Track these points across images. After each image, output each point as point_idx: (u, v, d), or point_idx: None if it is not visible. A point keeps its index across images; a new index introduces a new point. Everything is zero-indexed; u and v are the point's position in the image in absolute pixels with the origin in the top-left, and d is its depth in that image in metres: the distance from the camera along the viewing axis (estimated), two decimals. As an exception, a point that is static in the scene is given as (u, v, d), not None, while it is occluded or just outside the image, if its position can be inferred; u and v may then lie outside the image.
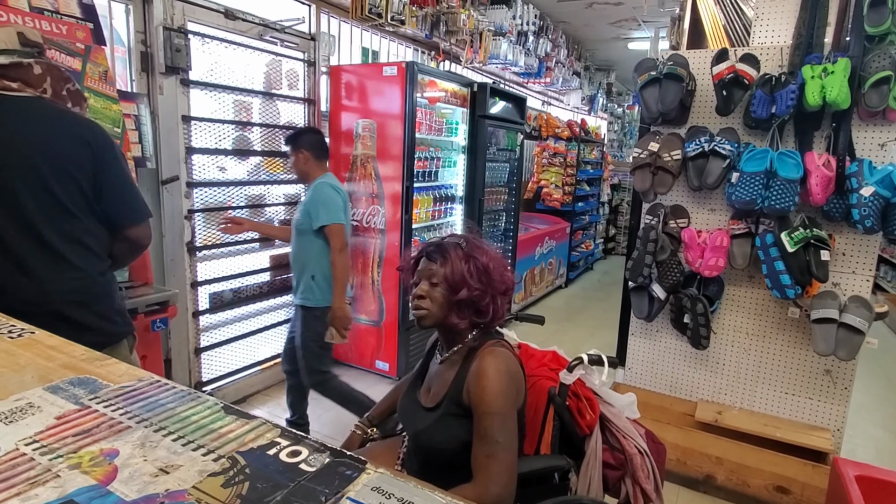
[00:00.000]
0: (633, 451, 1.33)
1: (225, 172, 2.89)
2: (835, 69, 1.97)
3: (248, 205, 3.02)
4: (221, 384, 2.98)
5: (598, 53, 7.34)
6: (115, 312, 1.50)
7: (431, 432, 1.25)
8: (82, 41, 2.00)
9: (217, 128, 2.79)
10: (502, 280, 1.27)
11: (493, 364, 1.17)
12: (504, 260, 1.32)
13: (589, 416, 1.34)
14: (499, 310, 1.27)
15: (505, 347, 1.25)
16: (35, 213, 1.34)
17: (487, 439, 1.12)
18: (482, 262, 1.24)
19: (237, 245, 2.98)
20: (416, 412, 1.32)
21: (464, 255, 1.24)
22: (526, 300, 5.11)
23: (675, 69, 2.23)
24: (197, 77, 2.66)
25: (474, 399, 1.16)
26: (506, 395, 1.15)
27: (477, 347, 1.25)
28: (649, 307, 2.46)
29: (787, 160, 2.09)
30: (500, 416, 1.13)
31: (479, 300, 1.23)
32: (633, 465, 1.32)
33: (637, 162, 2.36)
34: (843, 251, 2.20)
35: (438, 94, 3.42)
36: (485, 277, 1.23)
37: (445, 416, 1.23)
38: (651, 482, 1.33)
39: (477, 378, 1.16)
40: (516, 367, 1.23)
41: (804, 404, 2.35)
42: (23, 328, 0.86)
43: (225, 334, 3.00)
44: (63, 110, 1.46)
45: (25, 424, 0.59)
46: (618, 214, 8.57)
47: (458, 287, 1.22)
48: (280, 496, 0.48)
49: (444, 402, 1.24)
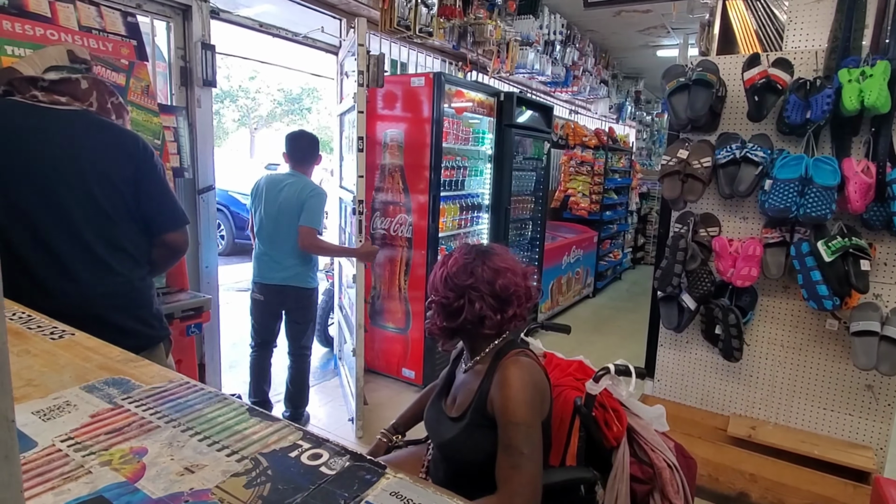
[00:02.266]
0: (662, 464, 1.30)
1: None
2: (874, 72, 1.91)
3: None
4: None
5: (626, 61, 7.27)
6: (152, 316, 1.55)
7: (457, 443, 1.24)
8: (126, 57, 2.10)
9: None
10: (490, 282, 1.23)
11: (516, 374, 1.16)
12: (520, 267, 1.30)
13: (616, 428, 1.31)
14: (520, 314, 1.26)
15: (530, 357, 1.24)
16: (80, 220, 1.40)
17: (512, 450, 1.11)
18: (449, 266, 1.26)
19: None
20: (442, 422, 1.32)
21: (440, 263, 1.29)
22: (553, 310, 5.06)
23: (705, 75, 2.20)
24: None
25: (498, 409, 1.15)
26: (530, 406, 1.14)
27: (501, 356, 1.24)
28: (679, 318, 2.40)
29: (824, 166, 2.02)
30: (524, 426, 1.12)
31: (449, 304, 1.24)
32: (662, 480, 1.28)
33: (666, 169, 2.32)
34: (885, 261, 2.12)
35: (465, 104, 3.44)
36: (450, 281, 1.24)
37: (471, 427, 1.22)
38: (681, 498, 1.30)
39: (500, 388, 1.16)
40: (541, 376, 1.22)
41: (844, 421, 2.25)
42: (64, 330, 0.90)
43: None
44: (107, 122, 1.53)
45: (62, 422, 0.62)
46: (646, 223, 8.42)
47: (430, 293, 1.28)
48: (300, 498, 0.49)
49: (468, 413, 1.24)
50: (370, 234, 3.46)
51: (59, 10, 1.90)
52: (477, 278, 1.23)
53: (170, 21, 2.48)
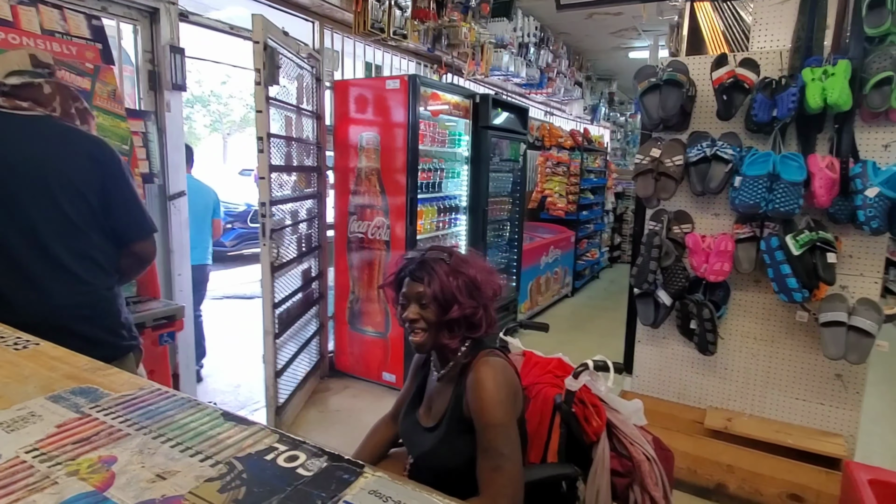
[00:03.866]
0: (640, 457, 1.31)
1: (282, 189, 2.84)
2: (835, 71, 1.97)
3: (294, 221, 3.00)
4: (286, 407, 2.85)
5: (599, 63, 7.39)
6: (121, 326, 1.51)
7: (436, 452, 1.22)
8: (91, 61, 2.05)
9: (278, 144, 2.76)
10: (491, 287, 1.25)
11: (489, 374, 1.15)
12: (489, 265, 1.30)
13: (595, 423, 1.32)
14: (490, 318, 1.26)
15: (498, 356, 1.23)
16: (44, 229, 1.36)
17: (492, 452, 1.11)
18: (470, 275, 1.20)
19: (292, 264, 2.94)
20: (418, 433, 1.30)
21: (450, 270, 1.19)
22: (532, 310, 5.09)
23: (675, 75, 2.24)
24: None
25: (475, 412, 1.14)
26: (505, 406, 1.14)
27: (471, 359, 1.22)
28: (655, 314, 2.44)
29: (790, 163, 2.08)
30: (501, 427, 1.12)
31: (472, 315, 1.20)
32: (642, 472, 1.30)
33: (639, 168, 2.36)
34: (850, 253, 2.18)
35: (441, 107, 3.45)
36: (475, 291, 1.20)
37: (449, 435, 1.21)
38: (660, 489, 1.31)
39: (475, 390, 1.15)
40: (512, 374, 1.22)
41: (816, 410, 2.32)
42: (28, 340, 0.87)
43: (286, 354, 2.91)
44: (71, 128, 1.49)
45: (27, 433, 0.59)
46: (622, 223, 8.54)
47: (449, 305, 1.17)
48: (276, 500, 0.49)
49: (445, 420, 1.23)
50: (346, 237, 3.43)
51: (21, 14, 1.85)
52: (486, 288, 1.23)
53: (136, 24, 2.42)
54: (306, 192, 3.21)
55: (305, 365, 3.28)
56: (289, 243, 2.96)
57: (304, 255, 3.18)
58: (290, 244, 3.00)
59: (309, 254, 3.28)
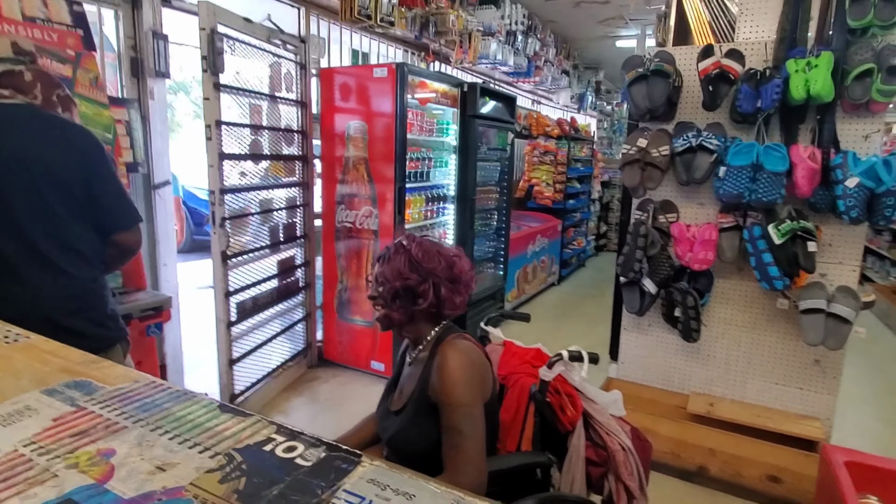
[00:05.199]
0: (616, 447, 1.33)
1: (244, 178, 2.83)
2: (818, 63, 2.00)
3: (262, 210, 2.98)
4: (248, 395, 2.91)
5: (586, 52, 7.38)
6: (107, 317, 1.50)
7: (403, 435, 1.24)
8: (73, 48, 2.00)
9: (237, 132, 2.75)
10: (447, 267, 1.26)
11: (454, 356, 1.17)
12: (450, 251, 1.32)
13: (570, 413, 1.34)
14: (446, 297, 1.26)
15: (467, 339, 1.25)
16: (27, 220, 1.34)
17: (453, 431, 1.12)
18: (414, 253, 1.25)
19: (256, 252, 2.93)
20: (388, 417, 1.32)
21: (402, 250, 1.27)
22: (519, 298, 5.13)
23: (662, 66, 2.26)
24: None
25: (438, 392, 1.16)
26: (469, 386, 1.15)
27: (440, 342, 1.24)
28: (641, 302, 2.48)
29: (773, 153, 2.11)
30: (463, 407, 1.13)
31: (415, 287, 1.24)
32: (616, 462, 1.32)
33: (626, 158, 2.38)
34: (830, 242, 2.24)
35: (429, 95, 3.43)
36: (420, 266, 1.24)
37: (415, 417, 1.22)
38: (635, 479, 1.33)
39: (439, 371, 1.16)
40: (480, 357, 1.23)
41: (794, 394, 2.38)
42: (18, 333, 0.87)
43: (248, 344, 2.95)
44: (54, 116, 1.46)
45: (23, 427, 0.60)
46: (608, 211, 8.62)
47: (394, 279, 1.24)
48: (276, 490, 0.50)
49: (411, 403, 1.24)
50: (334, 226, 3.42)
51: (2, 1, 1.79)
52: (438, 263, 1.25)
53: (118, 9, 2.37)
54: (285, 181, 3.19)
55: (284, 353, 3.29)
56: (258, 232, 2.97)
57: (280, 243, 3.17)
58: (261, 233, 2.99)
59: (290, 242, 3.27)
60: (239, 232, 2.81)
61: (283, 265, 3.21)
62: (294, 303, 3.38)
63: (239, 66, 2.72)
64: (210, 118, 2.50)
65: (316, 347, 3.59)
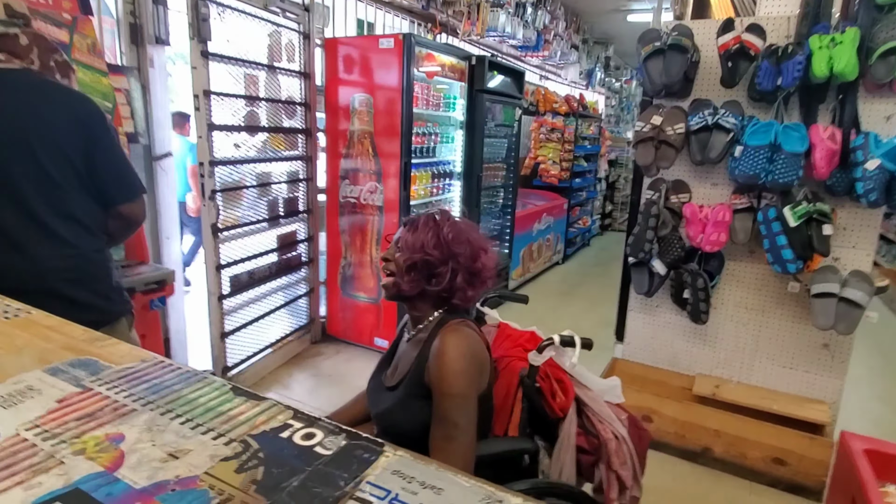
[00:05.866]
0: (608, 435, 1.29)
1: (238, 150, 2.79)
2: (843, 39, 1.93)
3: (259, 183, 2.94)
4: (243, 368, 2.94)
5: (596, 26, 7.20)
6: (111, 290, 1.47)
7: (393, 413, 1.21)
8: (69, 11, 1.93)
9: (230, 102, 2.70)
10: (471, 258, 1.22)
11: (454, 343, 1.13)
12: (483, 243, 1.28)
13: (560, 399, 1.30)
14: (460, 287, 1.22)
15: (470, 327, 1.20)
16: (27, 189, 1.30)
17: (446, 422, 1.09)
18: (445, 232, 1.21)
19: (252, 225, 2.91)
20: (380, 392, 1.29)
21: (433, 224, 1.22)
22: (524, 276, 5.11)
23: (680, 40, 2.18)
24: (213, 50, 2.55)
25: (434, 379, 1.12)
26: (466, 377, 1.11)
27: (442, 326, 1.20)
28: (649, 283, 2.45)
29: (792, 133, 2.05)
30: (459, 397, 1.09)
31: (433, 266, 1.20)
32: (608, 451, 1.28)
33: (640, 136, 2.32)
34: (845, 226, 2.19)
35: (436, 68, 3.34)
36: (446, 247, 1.20)
37: (407, 397, 1.19)
38: (628, 469, 1.29)
39: (437, 358, 1.12)
40: (480, 347, 1.19)
41: (801, 378, 2.37)
42: (19, 308, 0.83)
43: (244, 317, 2.95)
44: (53, 83, 1.41)
45: (26, 408, 0.57)
46: (614, 190, 8.53)
47: (416, 251, 1.20)
48: (297, 481, 0.47)
49: (405, 382, 1.21)
50: (338, 201, 3.37)
51: (-9, -43, 1.71)
52: (465, 250, 1.21)
53: (116, -29, 2.28)
54: (285, 155, 3.13)
55: (284, 328, 3.29)
56: (255, 205, 2.94)
57: (279, 217, 3.13)
58: (258, 206, 2.97)
59: (292, 217, 3.23)
60: (233, 205, 2.78)
61: (284, 240, 3.17)
62: (296, 278, 3.35)
63: (232, 34, 2.65)
64: (198, 87, 2.45)
65: (319, 323, 3.58)
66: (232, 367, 2.87)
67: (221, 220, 2.70)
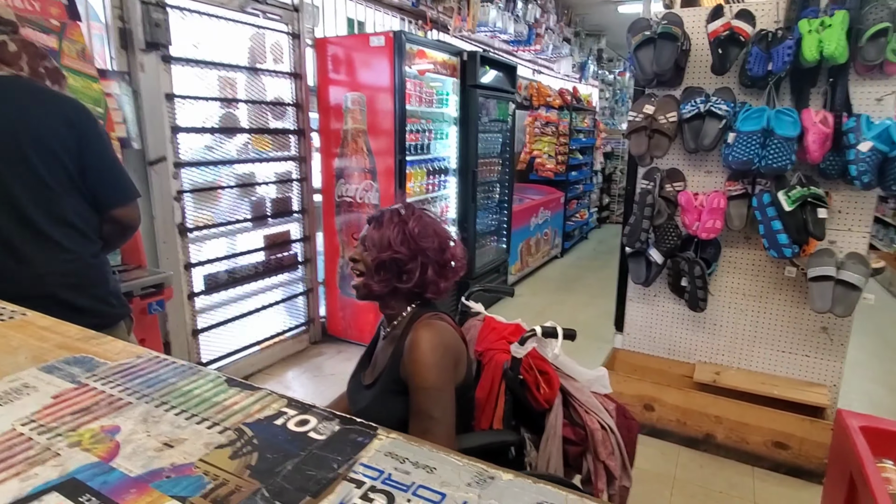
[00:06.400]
0: (594, 426, 1.28)
1: (212, 151, 2.82)
2: (832, 22, 1.93)
3: (238, 184, 2.96)
4: (222, 364, 2.97)
5: (588, 18, 7.20)
6: (110, 294, 1.48)
7: (370, 411, 1.19)
8: (56, 17, 1.92)
9: (202, 106, 2.71)
10: (439, 250, 1.21)
11: (427, 336, 1.12)
12: (448, 233, 1.26)
13: (544, 391, 1.29)
14: (431, 280, 1.21)
15: (443, 320, 1.20)
16: (21, 195, 1.30)
17: (422, 415, 1.08)
18: (410, 227, 1.19)
19: (230, 225, 2.93)
20: (358, 391, 1.29)
21: (398, 220, 1.20)
22: (522, 271, 5.11)
23: (670, 28, 2.18)
24: (178, 53, 2.57)
25: (409, 373, 1.11)
26: (438, 369, 1.10)
27: (415, 320, 1.20)
28: (647, 272, 2.46)
29: (784, 118, 2.06)
30: (434, 390, 1.08)
31: (402, 263, 1.18)
32: (595, 441, 1.28)
33: (633, 125, 2.32)
34: (840, 209, 2.20)
35: (427, 65, 3.34)
36: (413, 242, 1.18)
37: (384, 394, 1.18)
38: (616, 458, 1.29)
39: (410, 352, 1.12)
40: (454, 339, 1.18)
41: (801, 362, 2.38)
42: (14, 310, 0.84)
43: (223, 315, 2.97)
44: (43, 89, 1.41)
45: (21, 405, 0.57)
46: (611, 183, 8.54)
47: (384, 249, 1.18)
48: (291, 465, 0.47)
49: (381, 379, 1.21)
50: (334, 200, 3.37)
51: (-24, -36, 1.71)
52: (432, 243, 1.20)
53: (104, -24, 2.27)
54: (274, 156, 3.14)
55: (276, 326, 3.31)
56: (235, 206, 2.96)
57: (266, 217, 3.14)
58: (239, 207, 2.99)
59: (283, 217, 3.24)
60: (207, 206, 2.80)
61: (272, 239, 3.18)
62: (291, 278, 3.36)
63: (203, 37, 2.67)
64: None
65: (319, 323, 3.58)
66: (207, 363, 2.88)
67: (192, 220, 2.72)
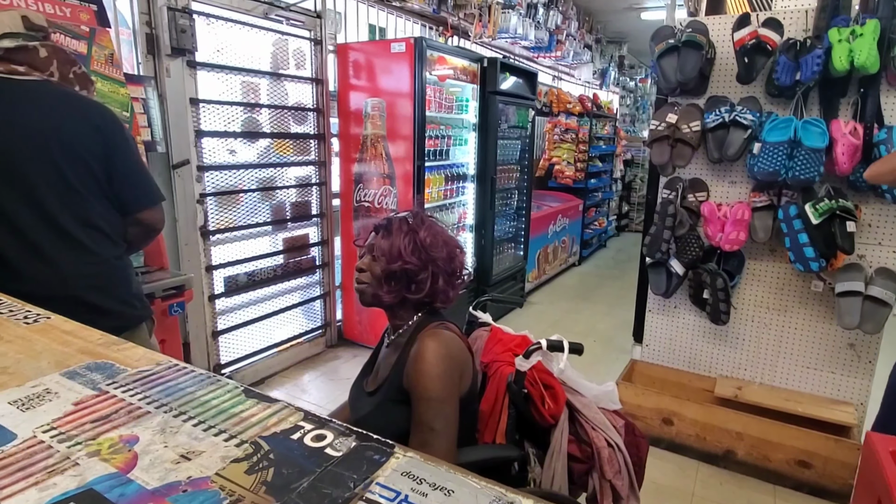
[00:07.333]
0: (601, 444, 1.25)
1: (235, 155, 2.86)
2: (863, 31, 1.89)
3: (259, 188, 2.99)
4: (240, 366, 3.01)
5: (609, 25, 7.15)
6: (133, 296, 1.50)
7: (372, 419, 1.18)
8: (86, 24, 1.97)
9: (226, 110, 2.76)
10: (448, 259, 1.20)
11: (432, 347, 1.10)
12: (455, 241, 1.25)
13: (549, 406, 1.25)
14: (441, 290, 1.19)
15: (450, 330, 1.18)
16: (48, 198, 1.32)
17: (423, 427, 1.06)
18: (421, 237, 1.17)
19: (251, 228, 2.96)
20: (360, 398, 1.27)
21: (407, 229, 1.18)
22: (539, 279, 5.08)
23: (695, 36, 2.15)
24: (203, 59, 2.61)
25: (412, 383, 1.09)
26: (444, 380, 1.08)
27: (421, 329, 1.18)
28: (667, 283, 2.42)
29: (812, 129, 2.01)
30: (436, 401, 1.06)
31: (413, 274, 1.17)
32: (601, 459, 1.24)
33: (655, 134, 2.29)
34: (869, 222, 2.14)
35: (448, 71, 3.35)
36: (423, 253, 1.16)
37: (385, 403, 1.17)
38: (623, 477, 1.25)
39: (415, 362, 1.10)
40: (460, 350, 1.16)
41: (826, 379, 2.31)
42: (38, 314, 0.85)
43: (242, 317, 3.00)
44: (72, 93, 1.44)
45: (43, 411, 0.57)
46: (631, 191, 8.45)
47: (394, 259, 1.16)
48: (307, 482, 0.47)
49: (383, 387, 1.19)
50: (353, 205, 3.39)
51: (11, -27, 1.76)
52: (441, 252, 1.19)
53: (133, -17, 2.33)
54: (295, 160, 3.18)
55: (294, 329, 3.34)
56: (255, 209, 3.00)
57: (286, 221, 3.18)
58: (260, 210, 3.03)
59: (302, 220, 3.27)
60: (229, 209, 2.85)
61: (291, 243, 3.21)
62: (309, 281, 3.38)
63: (227, 44, 2.72)
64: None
65: (336, 327, 3.60)
66: (225, 364, 2.92)
67: (214, 223, 2.75)
